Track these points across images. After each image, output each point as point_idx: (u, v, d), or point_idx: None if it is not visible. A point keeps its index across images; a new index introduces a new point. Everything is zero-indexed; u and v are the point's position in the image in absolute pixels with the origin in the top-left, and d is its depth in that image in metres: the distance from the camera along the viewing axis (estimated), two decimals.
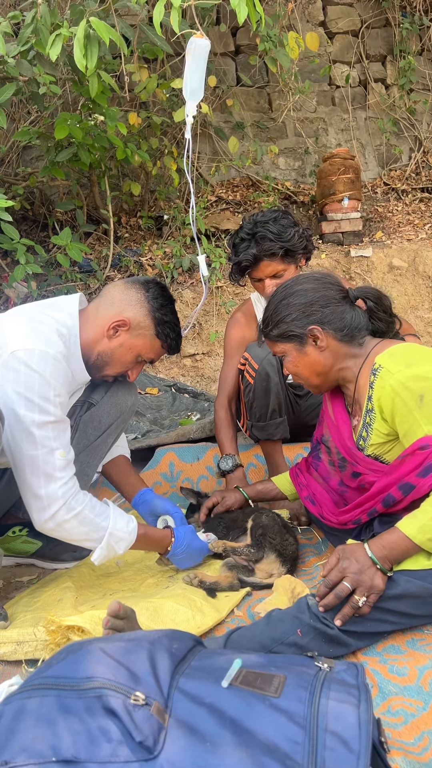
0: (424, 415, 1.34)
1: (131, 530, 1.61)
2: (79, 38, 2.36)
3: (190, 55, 2.12)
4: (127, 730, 0.78)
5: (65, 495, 1.47)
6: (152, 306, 1.65)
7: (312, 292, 1.54)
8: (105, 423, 1.86)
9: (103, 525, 1.55)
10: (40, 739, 0.78)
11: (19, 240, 3.21)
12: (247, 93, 5.31)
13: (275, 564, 1.70)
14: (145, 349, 1.68)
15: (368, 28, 5.49)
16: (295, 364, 1.58)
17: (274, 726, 0.80)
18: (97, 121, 3.36)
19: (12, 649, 1.41)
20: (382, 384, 1.41)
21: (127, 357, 1.68)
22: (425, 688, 1.19)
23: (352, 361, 1.54)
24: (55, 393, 1.47)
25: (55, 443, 1.48)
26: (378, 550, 1.27)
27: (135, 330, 1.64)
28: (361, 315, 1.55)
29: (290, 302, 1.55)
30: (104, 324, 1.63)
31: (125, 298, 1.65)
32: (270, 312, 1.59)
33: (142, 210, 4.66)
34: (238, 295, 4.23)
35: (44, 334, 1.51)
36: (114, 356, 1.66)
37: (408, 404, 1.36)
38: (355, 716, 0.82)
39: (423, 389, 1.34)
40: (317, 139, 5.45)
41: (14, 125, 4.25)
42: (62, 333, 1.55)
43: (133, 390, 1.95)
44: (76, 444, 1.82)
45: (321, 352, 1.53)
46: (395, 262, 4.46)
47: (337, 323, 1.52)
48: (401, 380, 1.37)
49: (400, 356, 1.43)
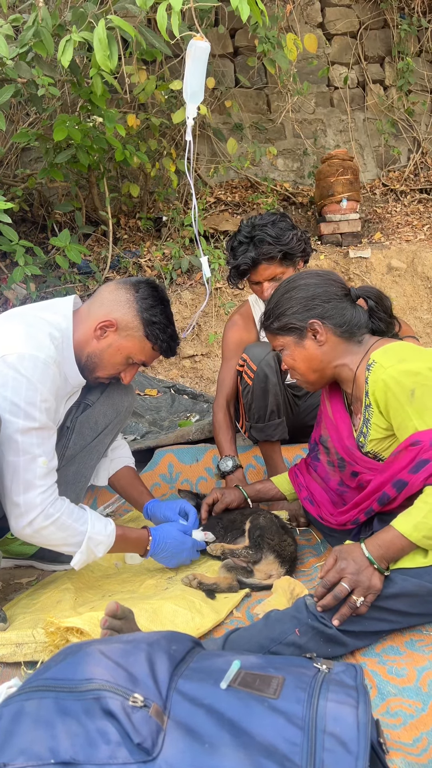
0: (415, 410, 1.35)
1: (110, 533, 1.61)
2: (101, 39, 2.35)
3: (190, 57, 2.12)
4: (126, 731, 0.78)
5: (43, 503, 1.47)
6: (141, 306, 1.63)
7: (314, 286, 1.55)
8: (101, 424, 1.86)
9: (82, 530, 1.54)
10: (38, 741, 0.78)
11: (18, 241, 3.21)
12: (245, 94, 5.32)
13: (274, 565, 1.70)
14: (135, 351, 1.66)
15: (366, 30, 5.50)
16: (293, 358, 1.58)
17: (273, 727, 0.80)
18: (96, 123, 3.37)
19: (11, 650, 1.40)
20: (375, 378, 1.42)
21: (116, 358, 1.66)
22: (424, 689, 1.19)
23: (350, 358, 1.54)
24: (41, 398, 1.46)
25: (38, 450, 1.47)
26: (375, 550, 1.27)
27: (123, 331, 1.63)
28: (362, 313, 1.56)
29: (292, 296, 1.55)
30: (92, 324, 1.62)
31: (114, 299, 1.64)
32: (272, 304, 1.59)
33: (141, 211, 4.67)
34: (237, 297, 4.23)
35: (35, 338, 1.50)
36: (103, 357, 1.65)
37: (399, 399, 1.36)
38: (353, 717, 0.82)
39: (414, 384, 1.35)
40: (316, 140, 5.46)
41: (13, 127, 4.26)
42: (55, 336, 1.54)
43: (130, 390, 1.94)
44: (73, 445, 1.82)
45: (320, 346, 1.54)
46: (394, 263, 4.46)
47: (338, 319, 1.53)
48: (393, 375, 1.38)
49: (393, 352, 1.44)
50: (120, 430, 1.95)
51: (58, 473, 1.82)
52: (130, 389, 1.94)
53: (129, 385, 1.92)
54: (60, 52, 2.46)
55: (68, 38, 2.44)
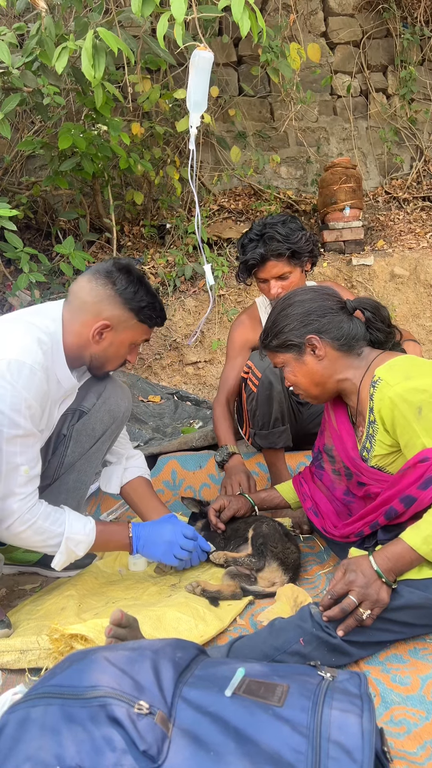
0: (423, 427, 1.35)
1: (89, 531, 1.64)
2: (87, 48, 2.38)
3: (194, 67, 2.14)
4: (131, 739, 0.78)
5: (20, 509, 1.51)
6: (126, 298, 1.64)
7: (309, 302, 1.57)
8: (99, 431, 1.87)
9: (59, 531, 1.58)
10: (44, 748, 0.78)
11: (23, 249, 3.23)
12: (249, 103, 5.34)
13: (277, 573, 1.70)
14: (135, 336, 1.71)
15: (369, 39, 5.53)
16: (294, 374, 1.60)
17: (278, 735, 0.80)
18: (101, 131, 3.39)
19: (15, 657, 1.41)
20: (381, 396, 1.42)
21: (121, 351, 1.71)
22: (428, 697, 1.18)
23: (352, 372, 1.55)
24: (26, 405, 1.47)
25: (21, 458, 1.49)
26: (383, 563, 1.27)
27: (119, 326, 1.65)
28: (359, 325, 1.57)
29: (288, 313, 1.57)
30: (84, 330, 1.62)
31: (96, 299, 1.62)
32: (269, 324, 1.61)
33: (145, 219, 4.68)
34: (240, 303, 4.24)
35: (22, 343, 1.50)
36: (108, 355, 1.69)
37: (407, 416, 1.37)
38: (358, 726, 0.82)
39: (421, 402, 1.36)
40: (319, 148, 5.48)
41: (18, 135, 4.28)
42: (43, 341, 1.54)
43: (126, 396, 1.94)
44: (71, 453, 1.84)
45: (319, 361, 1.55)
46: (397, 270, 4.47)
47: (335, 332, 1.54)
48: (400, 392, 1.38)
49: (399, 369, 1.44)
50: (118, 435, 1.96)
51: (59, 482, 1.84)
52: (126, 394, 1.95)
53: (126, 390, 1.93)
54: (54, 58, 2.48)
55: (64, 46, 2.47)
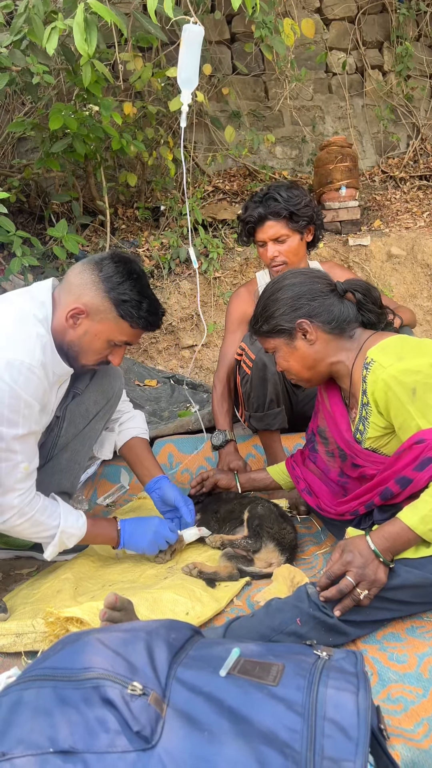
0: (417, 409, 1.34)
1: (81, 526, 1.69)
2: (78, 22, 2.32)
3: (184, 42, 2.09)
4: (125, 720, 0.78)
5: (20, 504, 1.54)
6: (107, 286, 1.55)
7: (299, 285, 1.55)
8: (92, 411, 1.87)
9: (54, 524, 1.63)
10: (37, 730, 0.78)
11: (15, 232, 3.18)
12: (243, 81, 5.26)
13: (274, 553, 1.69)
14: (113, 333, 1.60)
15: (365, 14, 5.43)
16: (285, 359, 1.58)
17: (273, 714, 0.80)
18: (92, 112, 3.33)
19: (11, 641, 1.41)
20: (374, 378, 1.41)
21: (96, 344, 1.61)
22: (425, 675, 1.19)
23: (344, 355, 1.54)
24: (25, 405, 1.48)
25: (20, 457, 1.51)
26: (380, 542, 1.26)
27: (95, 315, 1.57)
28: (350, 307, 1.55)
29: (278, 297, 1.55)
30: (63, 313, 1.57)
31: (80, 283, 1.57)
32: (259, 309, 1.59)
33: (139, 201, 4.63)
34: (236, 286, 4.21)
35: (23, 340, 1.49)
36: (82, 345, 1.60)
37: (401, 398, 1.36)
38: (353, 704, 0.82)
39: (415, 382, 1.34)
40: (314, 127, 5.40)
41: (8, 116, 4.22)
42: (41, 334, 1.53)
43: (118, 375, 1.93)
44: (65, 433, 1.84)
45: (311, 345, 1.53)
46: (394, 250, 4.43)
47: (326, 316, 1.52)
48: (393, 374, 1.37)
49: (391, 350, 1.42)
50: (111, 414, 1.96)
51: (52, 462, 1.86)
52: (118, 374, 1.93)
53: (117, 370, 1.92)
54: (44, 39, 2.43)
55: (54, 26, 2.41)
